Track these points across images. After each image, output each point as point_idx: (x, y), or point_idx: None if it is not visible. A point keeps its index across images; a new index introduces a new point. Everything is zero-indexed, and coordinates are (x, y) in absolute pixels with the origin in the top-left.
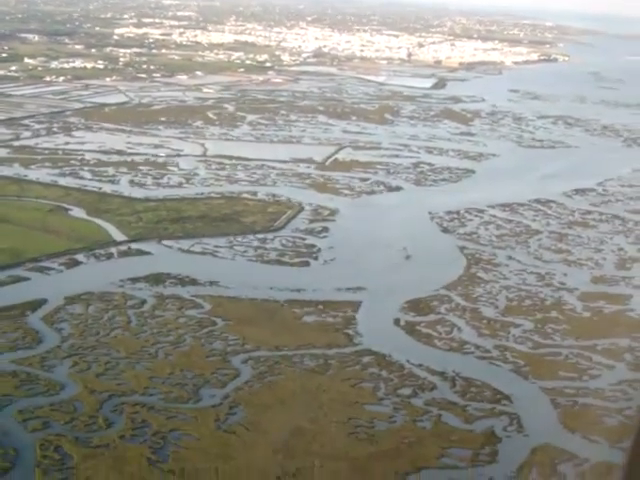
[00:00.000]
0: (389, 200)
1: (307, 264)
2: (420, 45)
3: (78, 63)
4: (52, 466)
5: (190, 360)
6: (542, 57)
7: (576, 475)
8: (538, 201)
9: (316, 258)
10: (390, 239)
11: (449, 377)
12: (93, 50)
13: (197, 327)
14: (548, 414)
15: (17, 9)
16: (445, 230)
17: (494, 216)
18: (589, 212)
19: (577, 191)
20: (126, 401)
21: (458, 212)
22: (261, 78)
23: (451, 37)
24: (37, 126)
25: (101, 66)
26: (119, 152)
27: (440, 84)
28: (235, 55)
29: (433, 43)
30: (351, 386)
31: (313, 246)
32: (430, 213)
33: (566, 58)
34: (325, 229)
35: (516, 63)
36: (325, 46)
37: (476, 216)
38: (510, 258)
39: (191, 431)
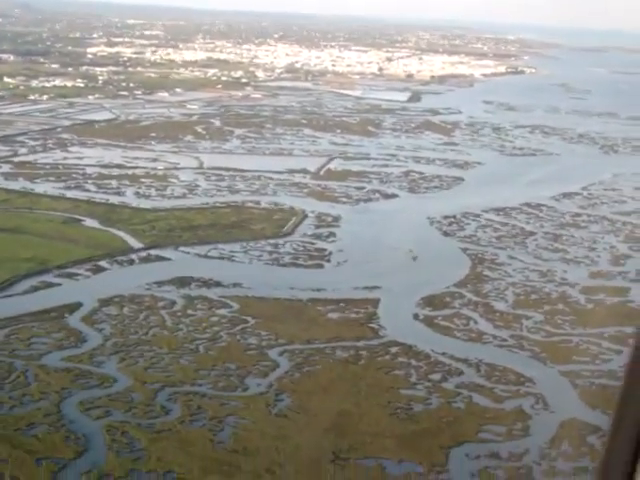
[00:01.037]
0: (387, 207)
1: (321, 266)
2: (389, 60)
3: (58, 82)
4: (122, 448)
5: (230, 354)
6: (510, 70)
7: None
8: (529, 205)
9: (329, 260)
10: (395, 242)
11: (473, 363)
12: (70, 69)
13: (230, 325)
14: (569, 393)
15: None
16: (445, 233)
17: (490, 220)
18: (578, 214)
19: (564, 195)
20: (178, 391)
21: (455, 217)
22: (240, 94)
23: (418, 51)
24: (32, 143)
25: (81, 84)
26: (118, 166)
27: (415, 97)
28: (210, 72)
29: (401, 57)
30: (385, 373)
31: (323, 250)
32: (428, 218)
33: (533, 70)
34: (332, 234)
35: (485, 76)
36: (297, 62)
37: (473, 220)
38: (511, 257)
39: (246, 415)
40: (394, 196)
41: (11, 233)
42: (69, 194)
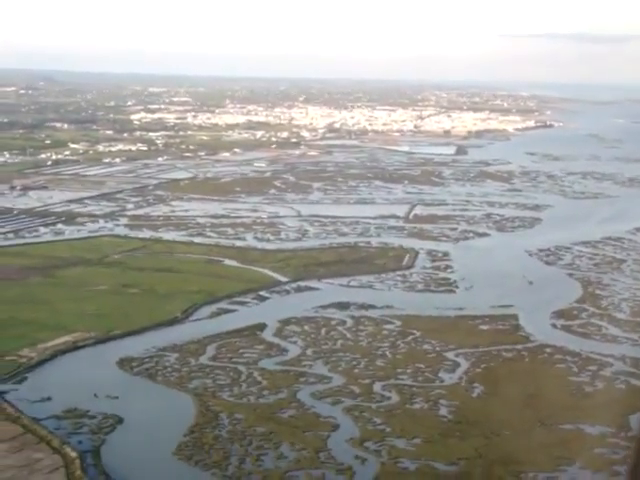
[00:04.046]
0: (484, 243)
1: (452, 291)
2: (420, 117)
3: (121, 146)
4: (366, 423)
5: (414, 357)
6: (539, 124)
7: None
8: (610, 238)
9: (457, 287)
10: (507, 271)
11: (619, 358)
12: (125, 134)
13: (401, 336)
14: None
15: (21, 101)
16: (547, 263)
17: (581, 251)
18: None
19: (637, 229)
20: (387, 384)
21: (549, 249)
22: (297, 152)
23: (443, 109)
24: (133, 199)
25: (144, 148)
26: (224, 216)
27: (462, 151)
28: (258, 134)
29: (431, 115)
30: (549, 367)
31: (447, 279)
32: (526, 251)
33: (561, 124)
34: (448, 266)
35: (518, 130)
36: (334, 122)
37: (566, 252)
38: (614, 280)
39: (452, 399)
40: (486, 234)
41: (168, 272)
42: (197, 240)
